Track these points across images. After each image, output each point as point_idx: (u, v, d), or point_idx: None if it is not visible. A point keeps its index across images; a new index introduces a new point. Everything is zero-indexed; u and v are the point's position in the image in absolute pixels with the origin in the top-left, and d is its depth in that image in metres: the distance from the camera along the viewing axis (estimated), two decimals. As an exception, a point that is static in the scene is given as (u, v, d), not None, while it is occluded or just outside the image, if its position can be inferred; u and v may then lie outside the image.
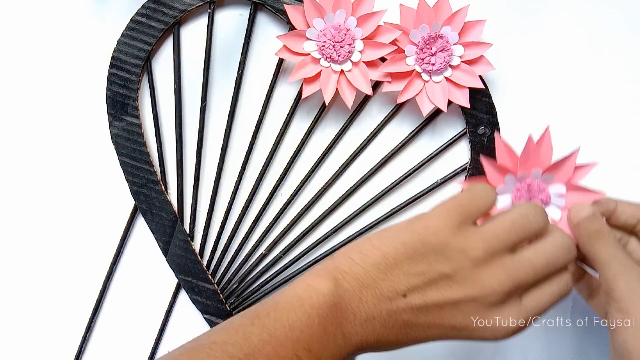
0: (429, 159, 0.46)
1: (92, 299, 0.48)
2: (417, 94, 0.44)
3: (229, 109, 0.47)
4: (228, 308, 0.47)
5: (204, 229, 0.48)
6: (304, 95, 0.44)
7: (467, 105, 0.43)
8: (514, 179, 0.41)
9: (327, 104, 0.44)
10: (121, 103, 0.46)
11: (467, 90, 0.43)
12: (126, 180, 0.47)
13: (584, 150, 0.47)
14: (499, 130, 0.45)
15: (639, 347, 0.30)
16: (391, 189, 0.46)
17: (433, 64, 0.43)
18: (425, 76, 0.43)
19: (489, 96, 0.45)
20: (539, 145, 0.40)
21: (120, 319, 0.49)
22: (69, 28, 0.48)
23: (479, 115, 0.45)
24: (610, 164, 0.47)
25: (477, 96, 0.44)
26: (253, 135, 0.47)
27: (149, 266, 0.48)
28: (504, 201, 0.41)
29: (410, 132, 0.46)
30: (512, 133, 0.45)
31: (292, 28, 0.45)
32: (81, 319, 0.48)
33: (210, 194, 0.47)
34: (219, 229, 0.47)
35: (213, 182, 0.47)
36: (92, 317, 0.48)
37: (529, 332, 0.47)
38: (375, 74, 0.44)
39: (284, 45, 0.44)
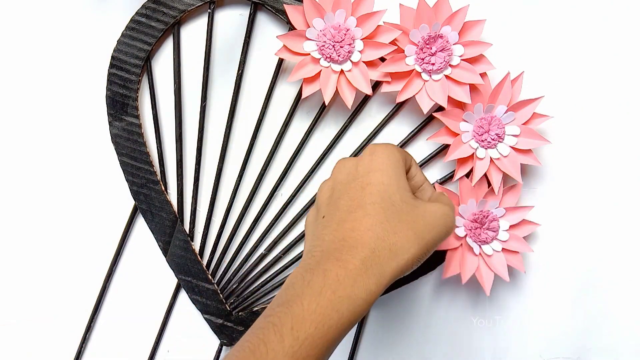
0: (429, 159, 0.46)
1: (92, 299, 0.48)
2: (416, 93, 0.44)
3: (228, 109, 0.47)
4: (228, 308, 0.47)
5: (203, 229, 0.48)
6: (303, 95, 0.44)
7: (468, 101, 0.43)
8: (481, 109, 0.43)
9: (326, 103, 0.44)
10: (121, 103, 0.46)
11: (468, 86, 0.43)
12: (126, 180, 0.47)
13: (584, 150, 0.47)
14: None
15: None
16: (391, 189, 0.46)
17: (433, 64, 0.43)
18: (425, 76, 0.43)
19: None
20: (512, 84, 0.43)
21: (120, 319, 0.49)
22: (68, 28, 0.48)
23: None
24: (610, 164, 0.47)
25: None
26: (253, 135, 0.47)
27: (149, 266, 0.48)
28: (466, 127, 0.44)
29: (410, 132, 0.46)
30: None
31: (292, 28, 0.45)
32: (81, 319, 0.48)
33: (210, 194, 0.47)
34: (219, 229, 0.47)
35: (213, 182, 0.47)
36: (92, 317, 0.48)
37: (529, 333, 0.47)
38: (375, 74, 0.44)
39: (283, 45, 0.44)
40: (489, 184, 0.44)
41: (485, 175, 0.44)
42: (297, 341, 0.29)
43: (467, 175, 0.44)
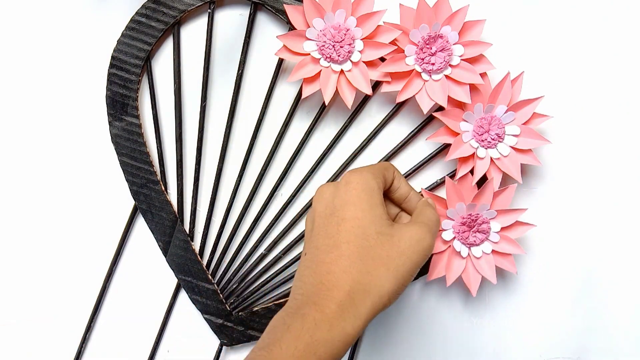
0: (429, 159, 0.46)
1: (92, 299, 0.48)
2: (416, 93, 0.44)
3: (228, 109, 0.47)
4: (228, 308, 0.47)
5: (203, 229, 0.48)
6: (303, 95, 0.44)
7: (468, 101, 0.43)
8: (481, 109, 0.43)
9: (326, 103, 0.44)
10: (121, 103, 0.46)
11: (468, 86, 0.43)
12: (126, 180, 0.47)
13: (584, 150, 0.47)
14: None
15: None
16: (391, 188, 0.46)
17: (433, 64, 0.43)
18: (425, 76, 0.43)
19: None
20: (512, 84, 0.43)
21: (120, 319, 0.49)
22: (68, 28, 0.48)
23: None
24: (610, 164, 0.47)
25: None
26: (253, 135, 0.47)
27: (149, 266, 0.48)
28: (466, 127, 0.44)
29: (410, 132, 0.46)
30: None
31: (292, 28, 0.45)
32: (81, 319, 0.48)
33: (210, 194, 0.47)
34: (219, 229, 0.47)
35: (213, 182, 0.47)
36: (92, 317, 0.48)
37: (529, 333, 0.47)
38: (375, 74, 0.44)
39: (283, 45, 0.44)
40: (479, 187, 0.44)
41: (473, 177, 0.44)
42: None
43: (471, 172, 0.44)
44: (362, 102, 0.46)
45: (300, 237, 0.47)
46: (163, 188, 0.47)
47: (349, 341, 0.32)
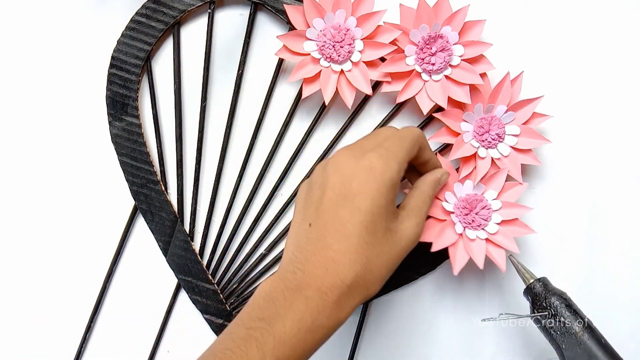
0: (429, 159, 0.46)
1: (92, 299, 0.48)
2: (416, 93, 0.44)
3: (229, 109, 0.47)
4: (228, 308, 0.47)
5: (204, 229, 0.48)
6: (303, 95, 0.44)
7: (468, 101, 0.43)
8: (481, 109, 0.43)
9: (327, 104, 0.44)
10: (121, 103, 0.46)
11: (468, 87, 0.43)
12: (126, 180, 0.47)
13: (584, 150, 0.47)
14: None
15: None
16: (391, 188, 0.46)
17: (433, 64, 0.43)
18: (425, 76, 0.43)
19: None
20: (511, 84, 0.43)
21: (120, 319, 0.49)
22: (68, 28, 0.48)
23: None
24: (611, 163, 0.47)
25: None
26: (253, 135, 0.47)
27: (149, 266, 0.48)
28: (466, 127, 0.44)
29: (410, 132, 0.46)
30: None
31: (292, 28, 0.45)
32: (81, 319, 0.48)
33: (210, 194, 0.47)
34: (219, 229, 0.47)
35: (213, 182, 0.47)
36: (92, 317, 0.48)
37: (529, 333, 0.47)
38: (375, 74, 0.44)
39: (283, 45, 0.44)
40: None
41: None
42: None
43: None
44: (362, 102, 0.46)
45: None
46: (163, 188, 0.47)
47: (337, 328, 0.34)
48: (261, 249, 0.48)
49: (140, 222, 0.48)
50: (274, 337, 0.31)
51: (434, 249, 0.43)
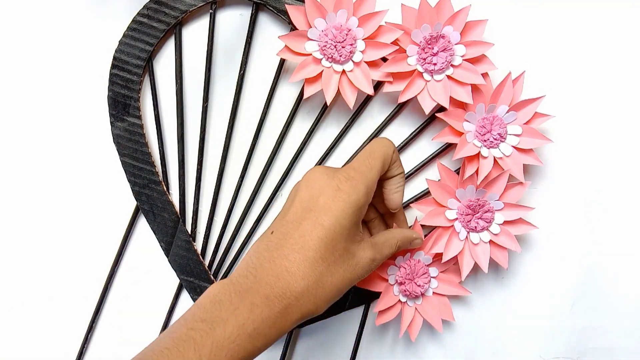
0: (430, 159, 0.46)
1: (94, 300, 0.48)
2: (418, 93, 0.44)
3: (230, 109, 0.47)
4: (230, 308, 0.47)
5: (206, 229, 0.48)
6: (305, 96, 0.44)
7: (470, 101, 0.43)
8: (483, 109, 0.43)
9: (328, 104, 0.44)
10: (123, 103, 0.46)
11: (470, 87, 0.43)
12: (128, 180, 0.47)
13: (586, 149, 0.47)
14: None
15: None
16: (393, 188, 0.46)
17: (435, 64, 0.43)
18: (426, 76, 0.43)
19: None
20: (513, 84, 0.43)
21: (122, 320, 0.49)
22: (70, 28, 0.48)
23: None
24: (612, 163, 0.47)
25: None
26: (255, 136, 0.47)
27: (151, 267, 0.48)
28: (468, 127, 0.44)
29: (412, 133, 0.46)
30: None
31: (293, 28, 0.45)
32: (83, 319, 0.48)
33: (212, 194, 0.47)
34: (221, 229, 0.48)
35: (215, 182, 0.47)
36: (94, 318, 0.48)
37: (529, 333, 0.47)
38: (377, 74, 0.44)
39: (285, 45, 0.44)
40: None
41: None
42: None
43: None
44: (364, 102, 0.46)
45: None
46: (165, 188, 0.47)
47: (280, 337, 0.33)
48: (263, 249, 0.48)
49: (142, 223, 0.48)
50: (213, 341, 0.31)
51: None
